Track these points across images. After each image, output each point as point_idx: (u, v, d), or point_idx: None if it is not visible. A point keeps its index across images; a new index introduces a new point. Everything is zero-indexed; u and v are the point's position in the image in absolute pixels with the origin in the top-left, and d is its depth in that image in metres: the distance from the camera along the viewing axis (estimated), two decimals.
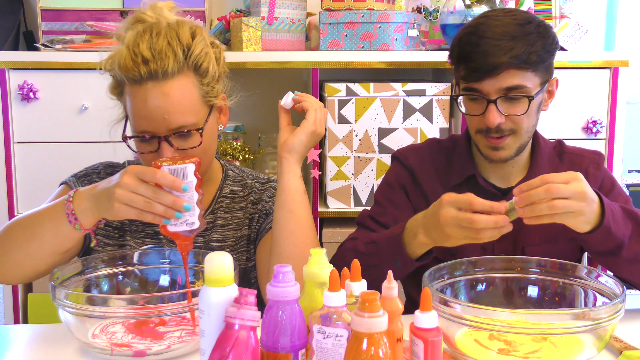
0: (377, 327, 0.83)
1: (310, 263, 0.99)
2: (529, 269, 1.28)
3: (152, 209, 1.14)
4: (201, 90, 1.32)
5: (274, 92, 2.61)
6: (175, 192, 1.15)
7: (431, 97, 2.21)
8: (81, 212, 1.20)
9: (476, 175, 1.47)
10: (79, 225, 1.21)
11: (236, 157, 2.30)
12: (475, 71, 1.36)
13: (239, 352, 0.89)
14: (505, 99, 1.36)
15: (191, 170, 1.17)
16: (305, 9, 2.30)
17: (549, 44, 1.37)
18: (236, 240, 1.45)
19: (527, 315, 1.07)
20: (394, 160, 1.59)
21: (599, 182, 1.48)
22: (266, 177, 1.53)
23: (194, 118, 1.30)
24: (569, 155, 1.51)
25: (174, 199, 1.15)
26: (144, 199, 1.14)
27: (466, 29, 1.40)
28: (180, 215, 1.16)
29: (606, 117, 2.25)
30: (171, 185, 1.14)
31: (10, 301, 2.19)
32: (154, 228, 1.42)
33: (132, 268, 1.33)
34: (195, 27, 1.34)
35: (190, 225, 1.17)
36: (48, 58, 2.13)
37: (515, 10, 1.42)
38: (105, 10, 2.27)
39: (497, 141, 1.39)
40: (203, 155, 1.33)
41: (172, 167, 1.16)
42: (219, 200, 1.47)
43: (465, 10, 2.21)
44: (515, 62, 1.33)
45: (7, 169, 2.15)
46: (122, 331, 1.16)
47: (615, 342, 1.17)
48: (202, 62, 1.32)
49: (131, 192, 1.14)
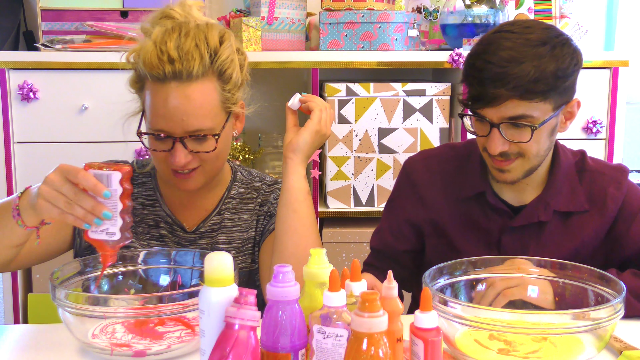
0: (377, 327, 0.83)
1: (310, 263, 0.99)
2: (529, 269, 1.28)
3: (72, 211, 1.12)
4: (222, 96, 1.31)
5: (274, 92, 2.62)
6: (99, 198, 1.12)
7: (431, 97, 2.21)
8: (24, 210, 1.19)
9: (486, 193, 1.42)
10: (21, 222, 1.19)
11: (236, 157, 2.30)
12: (474, 98, 1.30)
13: (239, 352, 0.89)
14: (510, 124, 1.29)
15: (116, 179, 1.13)
16: (305, 9, 2.30)
17: (564, 68, 1.27)
18: (242, 242, 1.45)
19: (527, 315, 1.07)
20: (402, 170, 1.56)
21: (619, 203, 1.40)
22: (273, 179, 1.53)
23: (211, 123, 1.30)
24: (590, 174, 1.43)
25: (94, 204, 1.11)
26: (65, 199, 1.12)
27: (478, 46, 1.32)
28: (100, 222, 1.13)
29: (606, 117, 2.25)
30: (92, 188, 1.11)
31: (10, 301, 2.19)
32: (160, 231, 1.42)
33: (132, 268, 1.32)
34: (224, 32, 1.33)
35: (110, 235, 1.14)
36: (48, 58, 2.13)
37: (534, 27, 1.30)
38: (105, 10, 2.27)
39: (502, 164, 1.33)
40: (215, 160, 1.33)
41: (97, 172, 1.13)
42: (226, 202, 1.46)
43: (465, 10, 2.21)
44: (517, 93, 1.25)
45: (7, 169, 2.15)
46: (122, 331, 1.16)
47: (615, 342, 1.17)
48: (227, 68, 1.31)
49: (54, 190, 1.12)
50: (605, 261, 1.42)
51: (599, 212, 1.40)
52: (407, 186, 1.52)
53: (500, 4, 2.23)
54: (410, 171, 1.53)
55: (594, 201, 1.41)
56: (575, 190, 1.41)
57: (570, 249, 1.37)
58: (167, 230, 1.42)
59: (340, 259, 2.22)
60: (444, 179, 1.48)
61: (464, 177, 1.46)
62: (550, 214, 1.39)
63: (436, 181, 1.49)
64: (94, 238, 1.15)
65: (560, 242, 1.40)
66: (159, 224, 1.42)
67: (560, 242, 1.40)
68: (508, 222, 1.41)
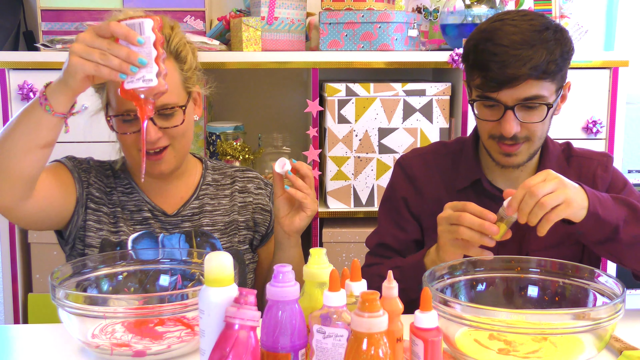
0: (377, 327, 0.83)
1: (310, 263, 0.99)
2: (529, 269, 1.28)
3: (107, 62, 1.13)
4: (182, 75, 1.41)
5: (274, 92, 2.62)
6: (132, 46, 1.13)
7: (431, 97, 2.21)
8: (51, 93, 1.20)
9: (482, 179, 1.47)
10: (49, 107, 1.19)
11: (236, 157, 2.30)
12: (493, 81, 1.32)
13: (239, 352, 0.89)
14: (522, 106, 1.34)
15: (149, 26, 1.14)
16: (305, 9, 2.30)
17: (566, 51, 1.34)
18: (225, 224, 1.54)
19: (527, 315, 1.07)
20: (397, 168, 1.58)
21: (606, 184, 1.47)
22: (241, 167, 1.66)
23: (176, 98, 1.39)
24: (577, 159, 1.50)
25: (128, 51, 1.13)
26: (99, 52, 1.13)
27: (481, 33, 1.36)
28: (135, 69, 1.13)
29: (606, 117, 2.25)
30: (125, 36, 1.13)
31: (10, 301, 2.19)
32: (143, 214, 1.48)
33: (132, 268, 1.33)
34: (173, 22, 1.44)
35: (147, 82, 1.14)
36: (48, 58, 2.13)
37: (532, 14, 1.37)
38: (105, 10, 2.26)
39: (511, 148, 1.38)
40: (182, 137, 1.42)
41: (129, 21, 1.13)
42: (203, 187, 1.56)
43: (465, 10, 2.21)
44: (535, 73, 1.30)
45: None
46: (122, 331, 1.16)
47: (615, 342, 1.17)
48: (181, 50, 1.41)
49: (87, 46, 1.14)
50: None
51: None
52: (405, 181, 1.55)
53: (500, 4, 2.23)
54: (406, 167, 1.56)
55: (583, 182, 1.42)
56: (565, 174, 1.43)
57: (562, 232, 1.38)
58: (150, 214, 1.49)
59: (340, 259, 2.22)
60: (441, 173, 1.52)
61: (458, 170, 1.51)
62: None
63: (434, 175, 1.53)
64: (130, 88, 1.15)
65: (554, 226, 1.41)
66: (141, 209, 1.49)
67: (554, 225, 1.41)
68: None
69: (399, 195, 1.55)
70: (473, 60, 1.36)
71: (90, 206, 1.46)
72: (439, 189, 1.51)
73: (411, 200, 1.53)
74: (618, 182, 1.49)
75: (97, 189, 1.48)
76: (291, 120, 2.62)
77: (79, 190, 1.45)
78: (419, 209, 1.53)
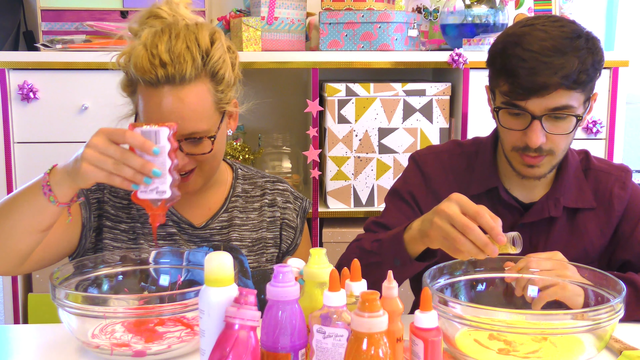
0: (377, 327, 0.83)
1: (310, 263, 0.99)
2: (529, 269, 1.28)
3: (120, 172, 1.09)
4: (215, 97, 1.30)
5: (274, 92, 2.62)
6: (147, 156, 1.09)
7: (431, 97, 2.21)
8: (56, 184, 1.15)
9: (499, 188, 1.41)
10: (53, 197, 1.15)
11: (236, 157, 2.30)
12: (521, 88, 1.26)
13: (239, 352, 0.89)
14: (550, 116, 1.28)
15: (164, 135, 1.10)
16: (305, 9, 2.30)
17: (597, 60, 1.28)
18: (253, 241, 1.46)
19: (527, 315, 1.07)
20: (412, 162, 1.53)
21: (624, 203, 1.42)
22: (272, 176, 1.54)
23: (206, 125, 1.29)
24: (595, 172, 1.44)
25: (142, 162, 1.09)
26: (112, 161, 1.09)
27: (509, 37, 1.30)
28: (149, 181, 1.10)
29: (606, 117, 2.25)
30: (141, 146, 1.09)
31: (10, 301, 2.19)
32: (167, 229, 1.40)
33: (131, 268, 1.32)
34: (214, 32, 1.32)
35: (160, 193, 1.11)
36: (48, 58, 2.13)
37: (562, 20, 1.30)
38: (105, 10, 2.27)
39: (534, 160, 1.32)
40: (212, 160, 1.33)
41: (145, 129, 1.10)
42: (233, 200, 1.46)
43: (465, 10, 2.21)
44: (566, 82, 1.24)
45: (7, 169, 2.15)
46: (122, 331, 1.16)
47: (615, 343, 1.17)
48: (219, 69, 1.29)
49: (99, 153, 1.09)
50: (609, 262, 1.42)
51: (605, 211, 1.41)
52: (419, 177, 1.49)
53: (500, 4, 2.23)
54: (421, 164, 1.50)
55: (600, 199, 1.42)
56: (582, 187, 1.41)
57: (579, 249, 1.36)
58: (176, 228, 1.41)
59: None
60: (455, 175, 1.47)
61: (473, 174, 1.45)
62: (560, 210, 1.39)
63: (448, 176, 1.47)
64: (143, 198, 1.11)
65: (568, 241, 1.40)
66: (166, 223, 1.40)
67: (568, 240, 1.40)
68: (518, 218, 1.41)
69: (409, 188, 1.49)
70: (500, 64, 1.30)
71: (106, 224, 1.38)
72: (452, 190, 1.45)
73: (420, 195, 1.48)
74: (637, 203, 1.42)
75: (112, 205, 1.39)
76: (291, 120, 2.62)
77: (85, 215, 1.37)
78: (426, 206, 1.49)
